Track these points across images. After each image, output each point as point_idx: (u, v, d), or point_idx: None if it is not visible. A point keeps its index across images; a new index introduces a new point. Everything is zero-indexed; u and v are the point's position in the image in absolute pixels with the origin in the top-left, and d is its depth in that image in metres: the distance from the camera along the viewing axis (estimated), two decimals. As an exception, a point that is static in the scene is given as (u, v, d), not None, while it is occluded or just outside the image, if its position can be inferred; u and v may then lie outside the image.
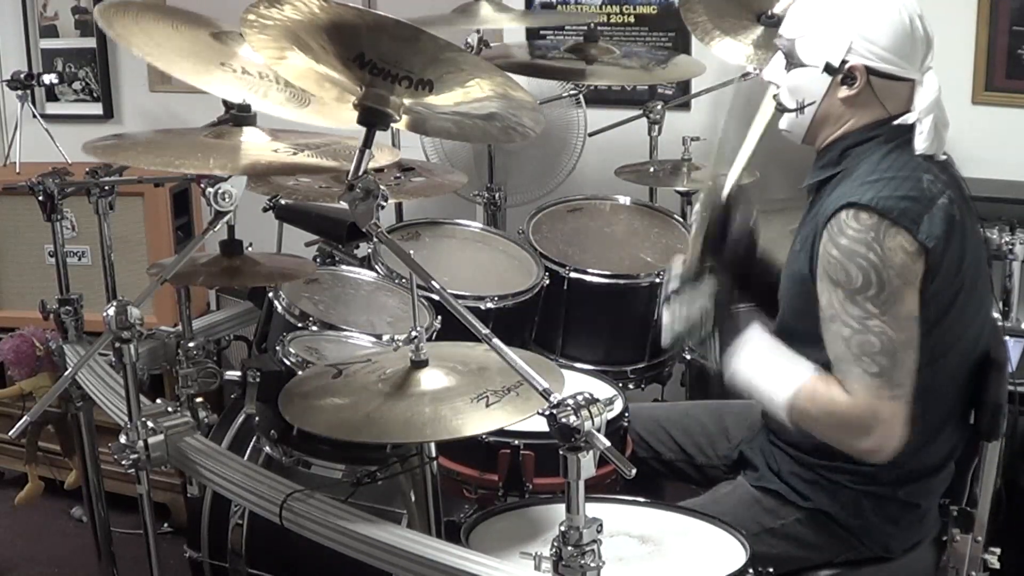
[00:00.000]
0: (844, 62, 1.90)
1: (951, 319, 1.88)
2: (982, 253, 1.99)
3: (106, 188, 2.57)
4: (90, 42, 4.15)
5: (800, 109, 1.98)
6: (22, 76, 3.71)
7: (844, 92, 1.92)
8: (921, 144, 1.90)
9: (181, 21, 2.28)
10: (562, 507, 1.48)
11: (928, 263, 1.82)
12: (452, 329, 2.25)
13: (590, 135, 3.35)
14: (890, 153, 1.91)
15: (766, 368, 1.95)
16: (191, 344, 2.30)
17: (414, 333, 1.83)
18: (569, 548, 1.47)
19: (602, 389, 2.35)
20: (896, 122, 1.92)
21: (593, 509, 1.50)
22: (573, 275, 2.72)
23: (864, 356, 1.81)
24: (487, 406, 1.70)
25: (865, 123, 1.94)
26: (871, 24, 1.88)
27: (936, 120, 1.91)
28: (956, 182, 1.97)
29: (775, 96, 2.03)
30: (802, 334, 1.96)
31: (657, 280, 2.72)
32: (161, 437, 1.92)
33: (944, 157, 1.95)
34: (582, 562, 1.47)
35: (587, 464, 1.44)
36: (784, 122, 2.03)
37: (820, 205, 1.94)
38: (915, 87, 1.92)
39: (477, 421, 1.69)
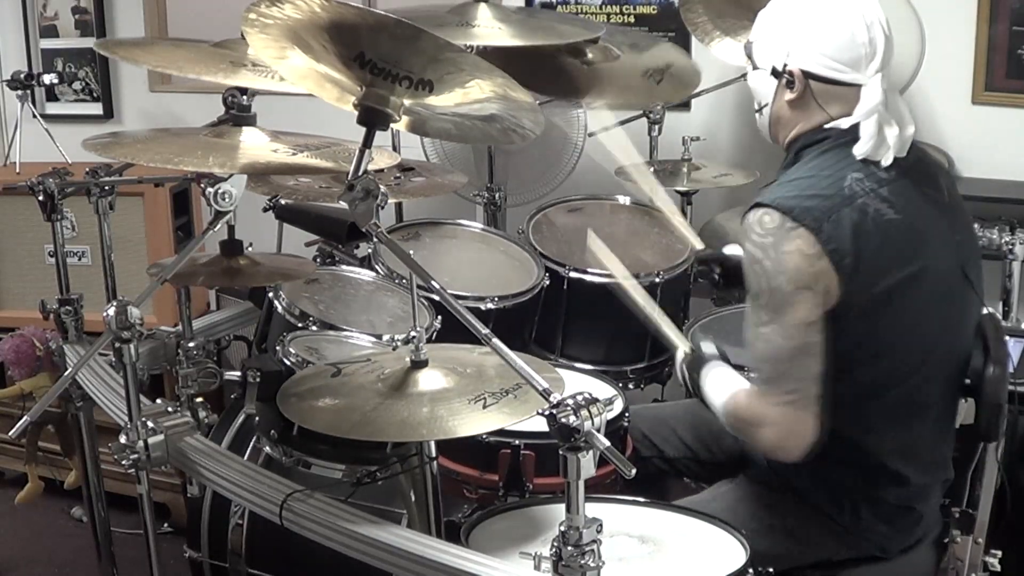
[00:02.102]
0: (785, 65, 1.94)
1: (891, 318, 1.87)
2: (945, 253, 1.95)
3: (106, 188, 2.57)
4: (90, 42, 4.15)
5: (759, 110, 2.05)
6: (22, 76, 3.71)
7: (788, 95, 1.96)
8: (860, 148, 1.89)
9: (179, 42, 2.40)
10: (562, 507, 1.48)
11: (834, 264, 1.82)
12: (452, 329, 2.26)
13: (590, 135, 3.35)
14: (825, 153, 1.93)
15: (715, 383, 2.03)
16: (191, 344, 2.30)
17: (414, 333, 1.83)
18: (569, 548, 1.47)
19: (602, 389, 2.35)
20: (829, 125, 1.93)
21: (593, 509, 1.50)
22: (573, 275, 2.72)
23: (757, 360, 1.90)
24: (484, 407, 1.70)
25: (811, 127, 1.96)
26: (811, 30, 1.91)
27: (881, 123, 1.89)
28: (922, 180, 1.95)
29: None
30: None
31: (657, 280, 2.73)
32: (161, 437, 1.92)
33: (891, 159, 1.92)
34: (582, 562, 1.47)
35: (587, 464, 1.44)
36: (757, 122, 2.09)
37: None
38: (861, 92, 1.91)
39: (473, 422, 1.69)
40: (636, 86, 3.08)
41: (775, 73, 1.97)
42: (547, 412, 1.44)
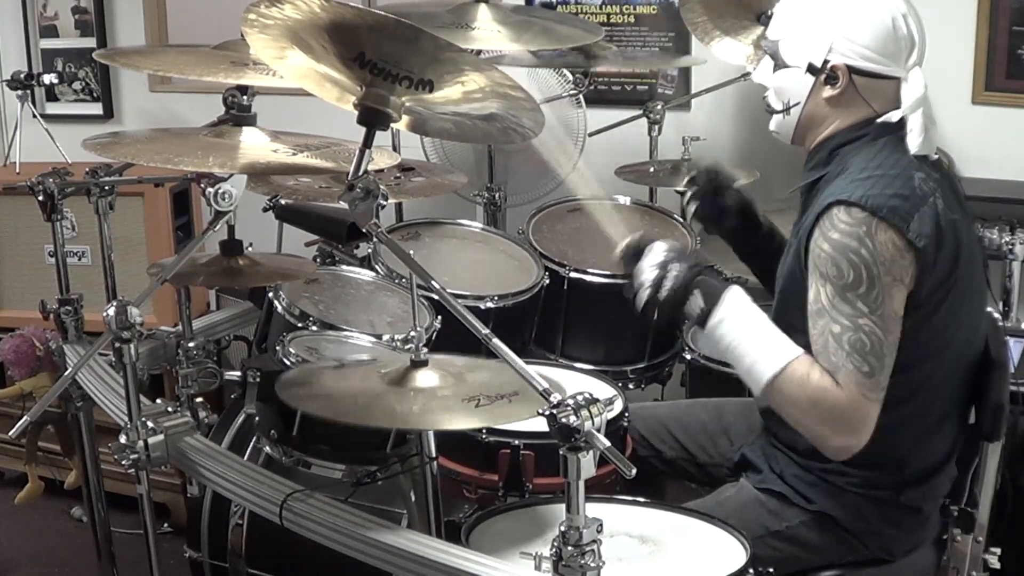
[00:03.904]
0: (826, 62, 1.91)
1: (944, 317, 1.88)
2: (976, 252, 1.99)
3: (106, 188, 2.57)
4: (90, 42, 4.15)
5: (786, 110, 2.00)
6: (22, 76, 3.71)
7: (828, 92, 1.93)
8: (914, 143, 1.89)
9: (180, 48, 2.42)
10: (562, 507, 1.48)
11: (919, 262, 1.82)
12: (452, 330, 2.26)
13: (590, 135, 3.35)
14: (881, 151, 1.91)
15: (753, 337, 1.89)
16: (191, 344, 2.30)
17: (413, 333, 1.83)
18: (569, 548, 1.47)
19: (602, 389, 2.35)
20: (880, 119, 1.92)
21: (593, 509, 1.50)
22: (573, 275, 2.72)
23: (856, 354, 1.80)
24: (476, 407, 1.70)
25: (851, 123, 1.94)
26: (852, 23, 1.89)
27: (925, 118, 1.90)
28: (949, 182, 1.96)
29: (764, 98, 2.04)
30: (797, 330, 1.96)
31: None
32: (161, 437, 1.91)
33: (936, 157, 1.95)
34: (582, 562, 1.47)
35: (587, 464, 1.44)
36: (773, 123, 2.04)
37: (812, 205, 1.94)
38: (900, 85, 1.91)
39: (463, 418, 1.70)
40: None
41: (812, 70, 1.93)
42: (547, 412, 1.43)
